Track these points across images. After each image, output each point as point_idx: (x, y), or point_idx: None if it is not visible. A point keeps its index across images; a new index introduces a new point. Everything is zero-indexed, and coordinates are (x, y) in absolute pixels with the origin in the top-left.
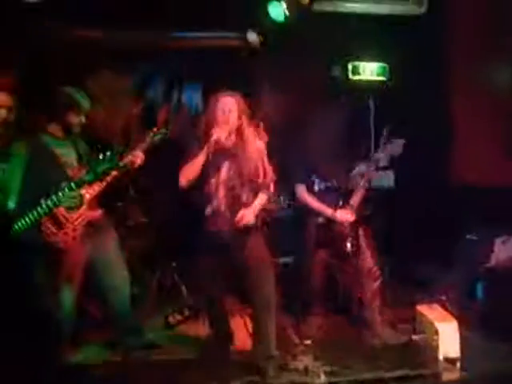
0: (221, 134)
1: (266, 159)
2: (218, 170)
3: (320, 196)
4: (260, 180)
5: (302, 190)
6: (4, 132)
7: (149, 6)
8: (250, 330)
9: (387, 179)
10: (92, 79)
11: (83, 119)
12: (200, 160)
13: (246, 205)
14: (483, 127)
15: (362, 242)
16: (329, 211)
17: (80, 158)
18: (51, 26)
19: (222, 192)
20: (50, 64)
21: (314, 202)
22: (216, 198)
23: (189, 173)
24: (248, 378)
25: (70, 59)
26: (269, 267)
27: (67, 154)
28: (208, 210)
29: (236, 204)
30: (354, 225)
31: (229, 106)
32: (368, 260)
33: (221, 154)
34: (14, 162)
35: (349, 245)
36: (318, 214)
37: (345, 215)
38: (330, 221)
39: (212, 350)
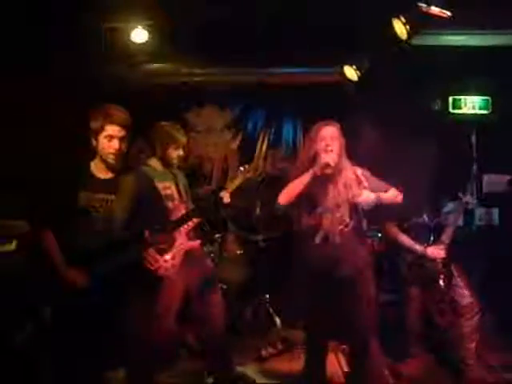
0: (330, 159)
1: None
2: (325, 196)
3: (411, 232)
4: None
5: (392, 226)
6: (115, 163)
7: (249, 43)
8: (344, 367)
9: (492, 216)
10: (193, 115)
11: (181, 153)
12: (305, 179)
13: (354, 231)
14: None
15: (456, 278)
16: (419, 248)
17: (179, 190)
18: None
19: (329, 218)
20: (151, 100)
21: (404, 239)
22: (325, 225)
23: (292, 190)
24: None
25: (175, 96)
26: (370, 303)
27: (168, 187)
28: (317, 238)
29: (342, 230)
30: (446, 262)
31: (332, 134)
32: (464, 296)
33: (325, 181)
34: (122, 193)
35: (442, 282)
36: (409, 250)
37: (436, 252)
38: (422, 258)
39: None
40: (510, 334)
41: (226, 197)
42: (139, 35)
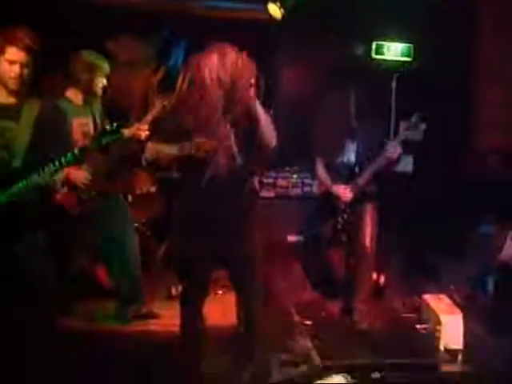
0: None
1: None
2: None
3: (332, 170)
4: None
5: (318, 162)
6: (17, 89)
7: None
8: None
9: (405, 164)
10: (113, 44)
11: (105, 81)
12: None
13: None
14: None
15: (362, 220)
16: (328, 183)
17: (96, 125)
18: None
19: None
20: (70, 27)
21: (322, 174)
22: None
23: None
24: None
25: (91, 23)
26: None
27: (85, 124)
28: (207, 175)
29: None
30: (355, 202)
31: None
32: (363, 238)
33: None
34: (24, 122)
35: (341, 221)
36: (324, 185)
37: (341, 191)
38: (331, 195)
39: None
40: (413, 277)
41: (142, 130)
42: None
